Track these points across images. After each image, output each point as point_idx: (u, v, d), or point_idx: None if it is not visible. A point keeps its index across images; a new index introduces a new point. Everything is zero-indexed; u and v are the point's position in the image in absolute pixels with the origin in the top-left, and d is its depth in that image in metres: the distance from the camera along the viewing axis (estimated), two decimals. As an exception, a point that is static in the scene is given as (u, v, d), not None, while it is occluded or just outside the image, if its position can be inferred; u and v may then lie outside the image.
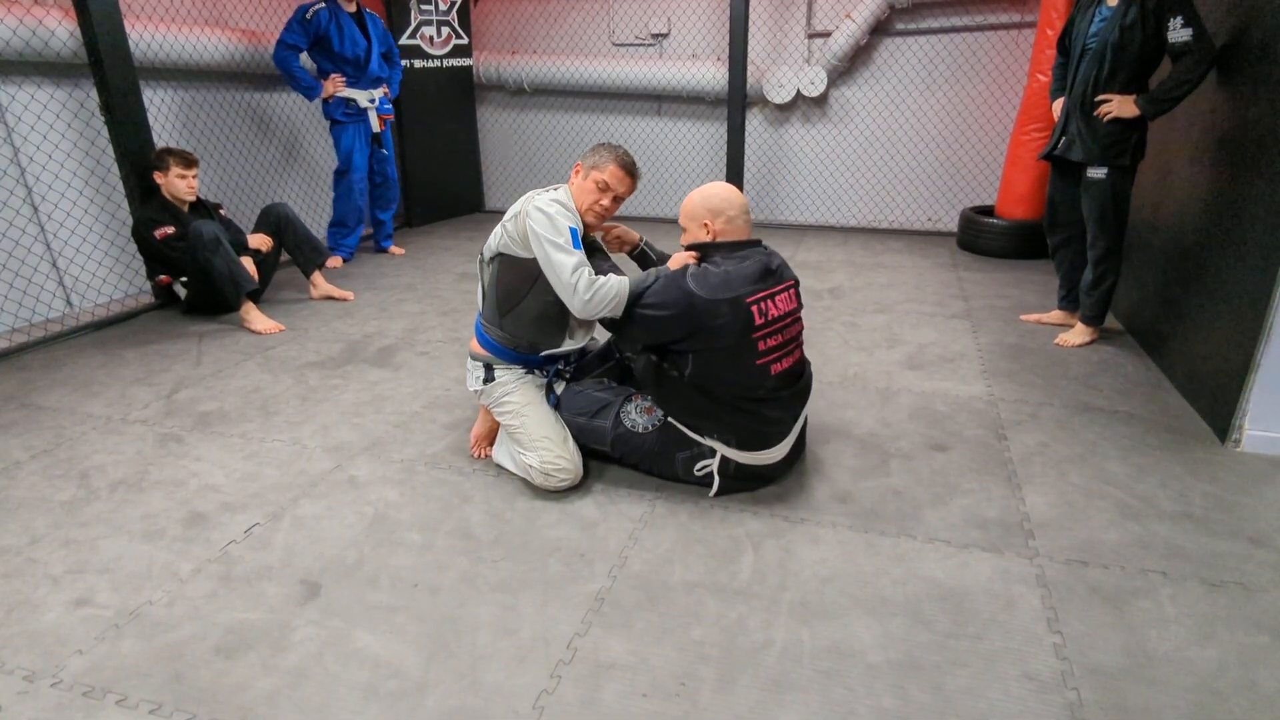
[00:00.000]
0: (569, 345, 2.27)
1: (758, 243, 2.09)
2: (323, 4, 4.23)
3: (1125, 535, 1.96)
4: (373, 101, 4.56)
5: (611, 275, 2.02)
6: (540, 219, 2.01)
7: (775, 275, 2.05)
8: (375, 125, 4.62)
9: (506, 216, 2.13)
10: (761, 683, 1.50)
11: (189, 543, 1.98)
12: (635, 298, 2.00)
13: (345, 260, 4.78)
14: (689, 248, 2.10)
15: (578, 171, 2.16)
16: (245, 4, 4.64)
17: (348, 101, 4.48)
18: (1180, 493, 2.16)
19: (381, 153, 4.76)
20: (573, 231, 2.02)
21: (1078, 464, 2.32)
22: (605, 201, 2.13)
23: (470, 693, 1.49)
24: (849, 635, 1.63)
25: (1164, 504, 2.10)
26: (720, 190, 2.08)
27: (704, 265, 2.02)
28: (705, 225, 2.05)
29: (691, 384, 2.02)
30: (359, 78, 4.48)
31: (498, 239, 2.15)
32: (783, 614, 1.69)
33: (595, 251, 2.23)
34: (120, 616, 1.71)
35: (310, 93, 4.36)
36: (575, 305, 1.99)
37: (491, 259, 2.19)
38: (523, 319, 2.18)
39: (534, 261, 2.07)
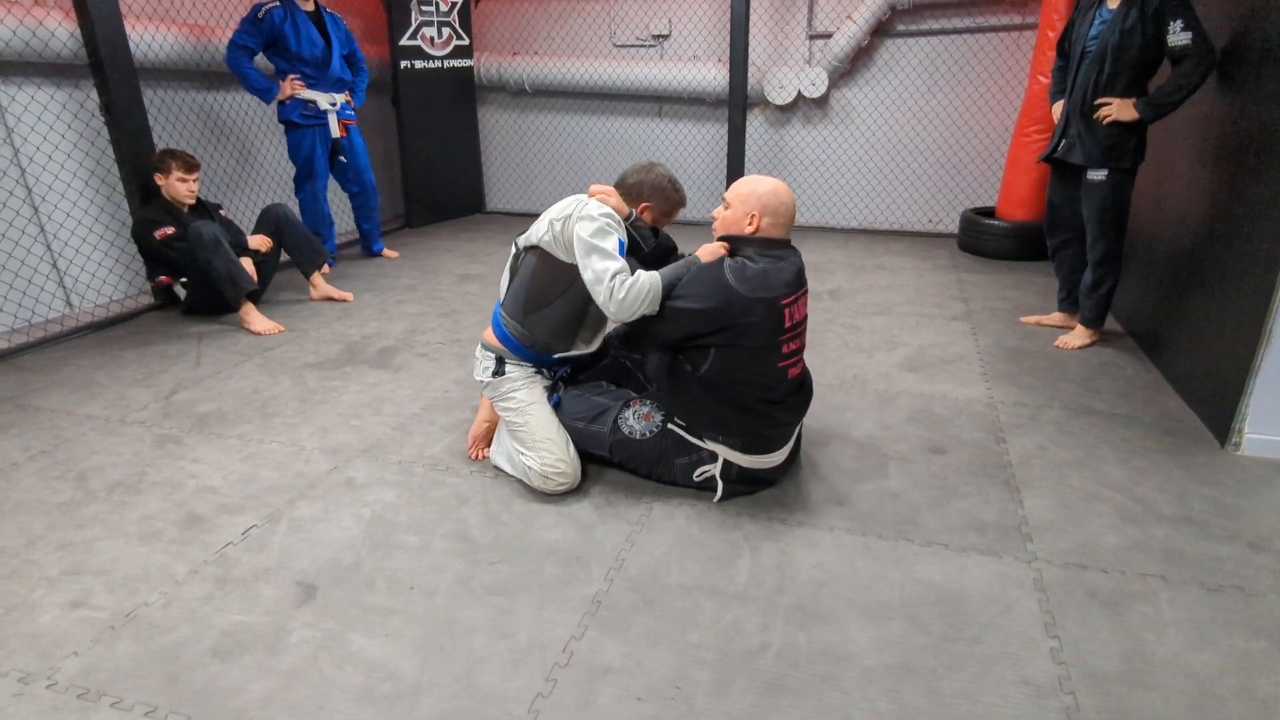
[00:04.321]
0: (579, 350, 2.27)
1: (788, 243, 2.06)
2: (276, 3, 4.09)
3: (1124, 539, 1.95)
4: (334, 105, 4.38)
5: (640, 272, 1.96)
6: (589, 226, 1.99)
7: (801, 279, 2.04)
8: (335, 130, 4.42)
9: (555, 213, 2.11)
10: (757, 686, 1.50)
11: (186, 545, 1.98)
12: (666, 291, 1.95)
13: (331, 265, 4.55)
14: (722, 238, 2.05)
15: (645, 208, 2.18)
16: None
17: (307, 103, 4.28)
18: (1179, 496, 2.15)
19: (341, 160, 4.56)
20: (620, 243, 2.01)
21: (1077, 467, 2.31)
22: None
23: (465, 696, 1.49)
24: (845, 639, 1.62)
25: (1163, 508, 2.09)
26: (779, 190, 2.01)
27: (740, 259, 1.97)
28: (752, 216, 1.99)
29: (705, 382, 1.99)
30: (319, 79, 4.29)
31: (541, 233, 2.11)
32: (779, 617, 1.69)
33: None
34: (116, 618, 1.70)
35: (266, 95, 4.19)
36: (611, 308, 1.94)
37: (529, 249, 2.17)
38: (546, 321, 2.18)
39: (572, 267, 2.07)
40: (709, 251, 2.02)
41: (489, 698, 1.48)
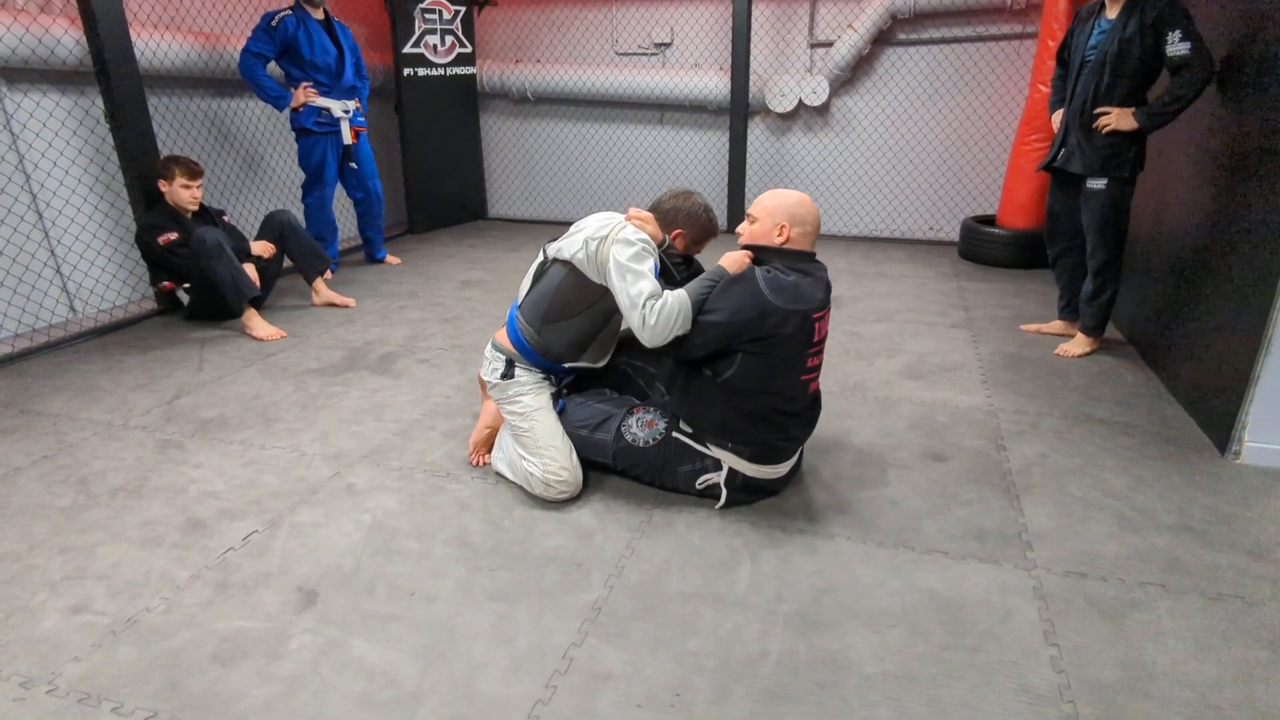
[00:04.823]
0: (587, 363, 2.29)
1: (813, 256, 2.06)
2: (289, 11, 4.14)
3: (1124, 547, 1.96)
4: (347, 112, 4.45)
5: (667, 293, 1.95)
6: (626, 250, 1.99)
7: (829, 296, 2.04)
8: (347, 137, 4.49)
9: (591, 231, 2.09)
10: (756, 694, 1.50)
11: (187, 550, 1.98)
12: (696, 307, 1.95)
13: (333, 271, 4.52)
14: (747, 247, 2.05)
15: (677, 235, 2.17)
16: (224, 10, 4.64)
17: (321, 111, 4.36)
18: (1179, 505, 2.15)
19: (351, 166, 4.62)
20: (655, 267, 2.02)
21: (1077, 475, 2.31)
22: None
23: (465, 702, 1.49)
24: (845, 646, 1.63)
25: (1163, 516, 2.10)
26: (806, 201, 2.02)
27: (771, 270, 1.96)
28: (782, 227, 1.99)
29: (726, 388, 1.99)
30: (333, 86, 4.37)
31: (575, 250, 2.10)
32: (779, 625, 1.69)
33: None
34: (117, 623, 1.71)
35: (279, 102, 4.24)
36: (645, 336, 1.94)
37: (559, 261, 2.16)
38: (563, 333, 2.19)
39: (599, 286, 2.08)
40: (734, 261, 2.00)
41: (489, 704, 1.48)
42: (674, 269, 2.14)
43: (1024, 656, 1.59)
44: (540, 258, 2.24)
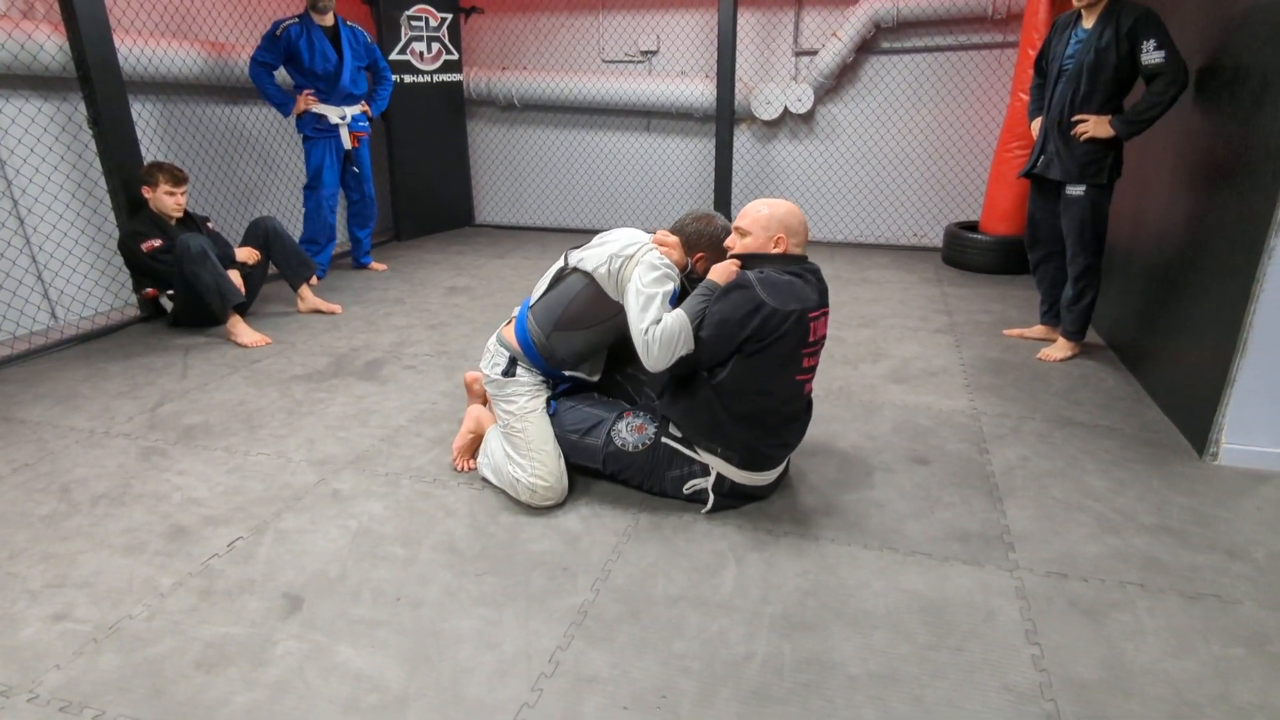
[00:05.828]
0: (583, 374, 2.30)
1: (805, 259, 2.08)
2: (294, 20, 4.22)
3: (1104, 548, 1.98)
4: (344, 118, 4.50)
5: (665, 315, 1.96)
6: (649, 273, 2.00)
7: (825, 297, 2.06)
8: (347, 142, 4.55)
9: (616, 249, 2.10)
10: (742, 695, 1.51)
11: (170, 557, 1.97)
12: (696, 323, 1.96)
13: (319, 278, 4.60)
14: (736, 256, 2.05)
15: (699, 259, 2.17)
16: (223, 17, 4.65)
17: (319, 117, 4.43)
18: (1158, 506, 2.18)
19: (354, 170, 4.68)
20: (674, 292, 2.03)
21: (1058, 478, 2.34)
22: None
23: (451, 706, 1.49)
24: (830, 647, 1.64)
25: (1142, 517, 2.12)
26: (795, 210, 2.04)
27: (764, 271, 1.98)
28: (778, 239, 2.01)
29: (719, 389, 2.00)
30: (330, 93, 4.42)
31: (597, 264, 2.10)
32: (764, 627, 1.70)
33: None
34: (99, 631, 1.69)
35: (283, 108, 4.35)
36: (648, 363, 1.96)
37: (579, 271, 2.15)
38: (571, 342, 2.20)
39: (616, 304, 2.09)
40: (723, 272, 2.01)
41: (475, 708, 1.48)
42: None
43: (1006, 656, 1.61)
44: (561, 263, 2.24)
